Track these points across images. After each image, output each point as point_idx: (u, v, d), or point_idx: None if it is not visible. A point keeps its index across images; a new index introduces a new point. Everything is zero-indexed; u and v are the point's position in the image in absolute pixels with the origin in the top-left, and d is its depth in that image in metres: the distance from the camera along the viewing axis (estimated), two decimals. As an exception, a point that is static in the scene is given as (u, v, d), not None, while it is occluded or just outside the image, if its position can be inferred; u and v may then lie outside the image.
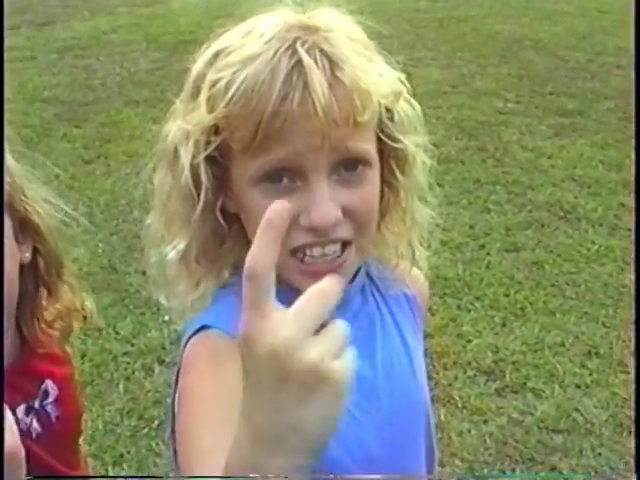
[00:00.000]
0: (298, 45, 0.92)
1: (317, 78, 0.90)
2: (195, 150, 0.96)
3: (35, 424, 1.18)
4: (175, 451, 0.99)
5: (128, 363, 3.09)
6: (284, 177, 0.94)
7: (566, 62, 6.58)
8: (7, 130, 1.15)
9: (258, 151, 0.92)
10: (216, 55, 0.96)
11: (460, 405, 2.85)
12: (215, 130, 0.94)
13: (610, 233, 3.98)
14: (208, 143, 0.95)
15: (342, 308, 0.97)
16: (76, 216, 1.25)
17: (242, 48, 0.93)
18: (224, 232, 1.01)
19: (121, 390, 2.94)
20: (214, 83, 0.94)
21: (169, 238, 1.02)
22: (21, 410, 1.17)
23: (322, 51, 0.92)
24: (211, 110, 0.94)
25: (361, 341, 1.06)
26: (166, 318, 3.35)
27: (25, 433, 1.16)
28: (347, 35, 0.96)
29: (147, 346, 3.16)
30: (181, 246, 1.01)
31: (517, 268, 3.71)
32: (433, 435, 1.18)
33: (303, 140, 0.91)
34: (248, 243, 0.93)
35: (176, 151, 0.98)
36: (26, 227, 1.15)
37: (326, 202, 0.93)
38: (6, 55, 6.26)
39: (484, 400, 2.88)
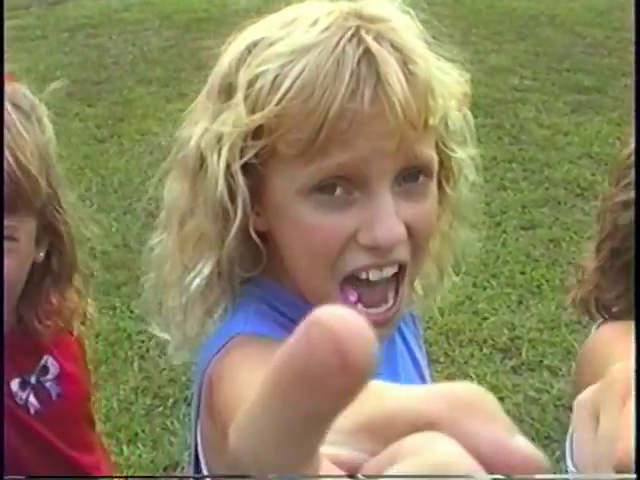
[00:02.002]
0: (363, 33, 0.79)
1: (393, 70, 0.77)
2: (230, 157, 0.82)
3: (32, 399, 1.19)
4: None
5: (142, 341, 3.08)
6: (338, 187, 0.81)
7: (583, 38, 6.49)
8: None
9: (315, 156, 0.79)
10: (250, 48, 0.84)
11: (476, 383, 2.82)
12: (257, 133, 0.81)
13: (628, 210, 3.94)
14: (245, 148, 0.82)
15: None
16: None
17: (288, 38, 0.81)
18: (254, 253, 0.88)
19: (136, 368, 2.93)
20: (254, 79, 0.81)
21: (185, 261, 0.89)
22: (15, 384, 1.18)
23: (391, 42, 0.80)
24: (253, 110, 0.81)
25: (386, 365, 0.99)
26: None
27: (21, 407, 1.18)
28: (408, 26, 0.85)
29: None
30: (206, 270, 0.87)
31: (533, 245, 3.68)
32: None
33: (371, 144, 0.79)
34: (281, 264, 0.87)
35: (203, 159, 0.84)
36: (48, 231, 1.15)
37: (392, 216, 0.81)
38: (17, 34, 6.26)
39: (500, 378, 2.85)
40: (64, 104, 5.24)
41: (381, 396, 0.27)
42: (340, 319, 0.23)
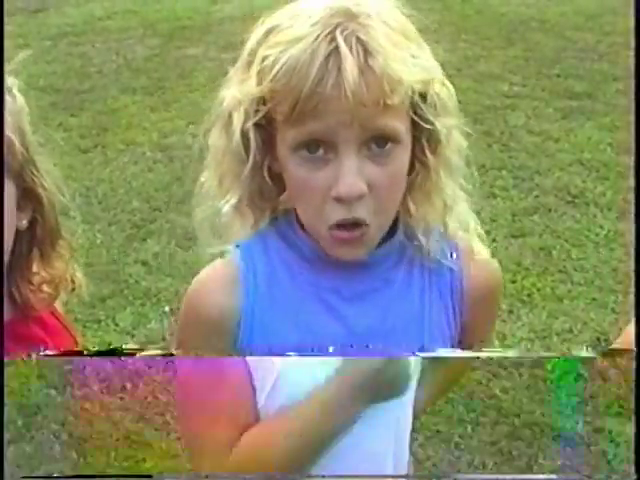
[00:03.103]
0: (337, 32, 1.04)
1: (349, 65, 1.02)
2: (245, 117, 1.10)
3: None
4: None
5: (127, 356, 3.04)
6: (320, 148, 1.07)
7: (574, 43, 6.46)
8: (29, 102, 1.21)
9: (294, 123, 1.05)
10: (268, 32, 1.09)
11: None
12: (262, 101, 1.08)
13: (619, 217, 3.92)
14: (257, 111, 1.09)
15: (364, 271, 1.16)
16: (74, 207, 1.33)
17: (290, 28, 1.07)
18: (269, 188, 1.15)
19: (120, 383, 2.89)
20: (263, 59, 1.07)
21: (221, 192, 1.17)
22: None
23: (358, 39, 1.04)
24: (259, 83, 1.08)
25: (367, 305, 1.17)
26: (166, 309, 3.32)
27: None
28: (386, 22, 1.07)
29: (147, 337, 3.14)
30: (233, 200, 1.15)
31: (524, 254, 3.66)
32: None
33: (334, 117, 1.04)
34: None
35: (230, 116, 1.12)
36: (29, 197, 1.20)
37: (353, 174, 1.06)
38: None
39: (492, 390, 2.83)
40: (47, 114, 5.19)
41: None
42: None
